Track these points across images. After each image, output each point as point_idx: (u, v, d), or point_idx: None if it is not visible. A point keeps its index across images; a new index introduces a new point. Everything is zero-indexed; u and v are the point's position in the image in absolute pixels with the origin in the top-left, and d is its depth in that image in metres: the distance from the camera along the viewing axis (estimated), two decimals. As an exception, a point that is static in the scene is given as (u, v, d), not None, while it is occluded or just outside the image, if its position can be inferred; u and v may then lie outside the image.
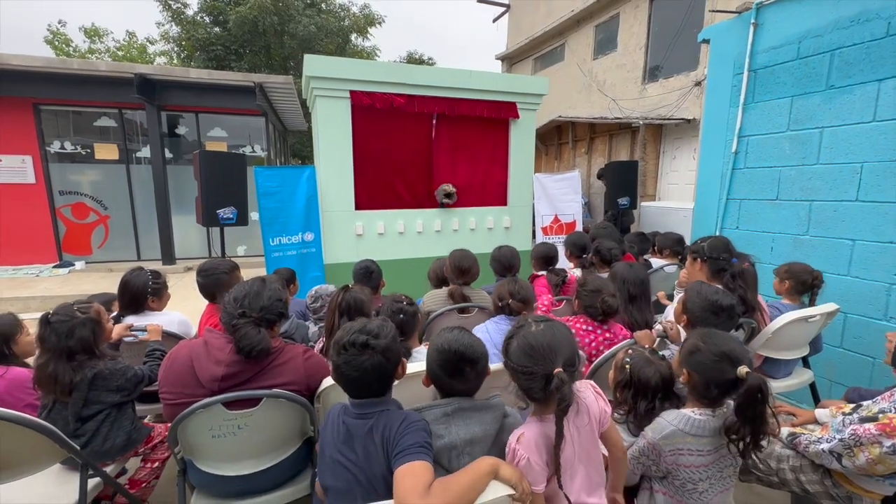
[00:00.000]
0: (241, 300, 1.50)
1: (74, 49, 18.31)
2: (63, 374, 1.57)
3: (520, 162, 5.10)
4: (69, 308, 1.67)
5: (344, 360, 1.18)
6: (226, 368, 1.43)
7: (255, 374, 1.48)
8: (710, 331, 1.40)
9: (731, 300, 1.77)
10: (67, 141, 7.09)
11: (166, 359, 1.52)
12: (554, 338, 1.17)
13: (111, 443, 1.67)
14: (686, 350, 1.39)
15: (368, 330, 1.21)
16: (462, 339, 1.28)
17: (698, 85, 6.94)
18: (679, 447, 1.32)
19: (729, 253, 2.26)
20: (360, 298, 1.85)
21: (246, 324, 1.44)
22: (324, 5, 15.68)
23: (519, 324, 1.26)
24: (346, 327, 1.24)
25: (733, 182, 3.32)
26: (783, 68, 2.94)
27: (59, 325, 1.60)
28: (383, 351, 1.19)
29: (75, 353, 1.61)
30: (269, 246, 4.14)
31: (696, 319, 1.75)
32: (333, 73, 4.15)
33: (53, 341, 1.58)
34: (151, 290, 2.34)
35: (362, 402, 1.21)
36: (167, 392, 1.45)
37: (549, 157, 11.18)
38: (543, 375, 1.13)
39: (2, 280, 6.34)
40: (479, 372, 1.27)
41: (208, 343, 1.48)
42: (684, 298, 1.83)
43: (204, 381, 1.43)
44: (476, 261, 2.66)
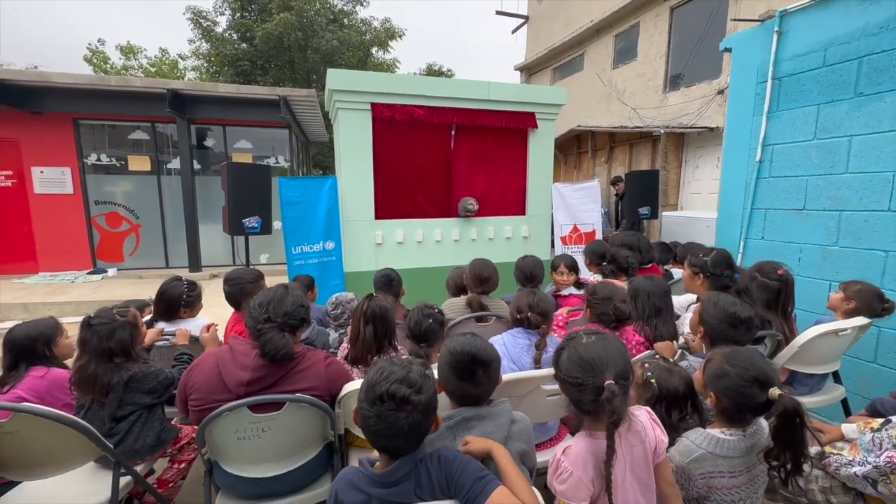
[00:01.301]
0: (266, 306, 1.54)
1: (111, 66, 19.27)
2: (103, 375, 1.66)
3: (538, 171, 5.11)
4: (109, 312, 1.76)
5: (377, 412, 1.01)
6: (251, 373, 1.48)
7: (279, 379, 1.53)
8: (735, 350, 1.36)
9: (750, 312, 1.73)
10: (103, 153, 7.44)
11: (192, 366, 1.58)
12: (605, 350, 1.15)
13: (142, 442, 1.74)
14: (712, 373, 1.35)
15: (411, 381, 1.04)
16: (474, 342, 1.29)
17: (721, 93, 6.83)
18: (710, 470, 1.28)
19: (731, 269, 2.20)
20: (385, 307, 1.89)
21: (270, 328, 1.49)
22: (346, 20, 16.11)
23: (570, 336, 1.25)
24: (382, 370, 1.07)
25: (758, 191, 3.25)
26: (809, 76, 2.89)
27: (100, 327, 1.69)
28: (424, 409, 1.03)
29: (114, 355, 1.69)
30: (291, 254, 4.23)
31: (714, 331, 1.71)
32: (355, 86, 4.26)
33: (95, 343, 1.67)
34: (185, 301, 2.47)
35: (394, 468, 1.05)
36: (195, 398, 1.50)
37: (569, 166, 11.13)
38: (594, 387, 1.11)
39: (40, 285, 6.65)
40: (491, 375, 1.27)
41: (234, 349, 1.54)
42: (700, 310, 1.80)
43: (231, 385, 1.48)
44: (496, 271, 2.68)
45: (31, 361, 1.98)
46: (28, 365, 1.96)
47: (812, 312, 2.91)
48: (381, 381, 1.04)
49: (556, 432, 1.97)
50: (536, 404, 1.73)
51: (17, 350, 1.95)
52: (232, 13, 14.94)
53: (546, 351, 1.84)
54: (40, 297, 5.99)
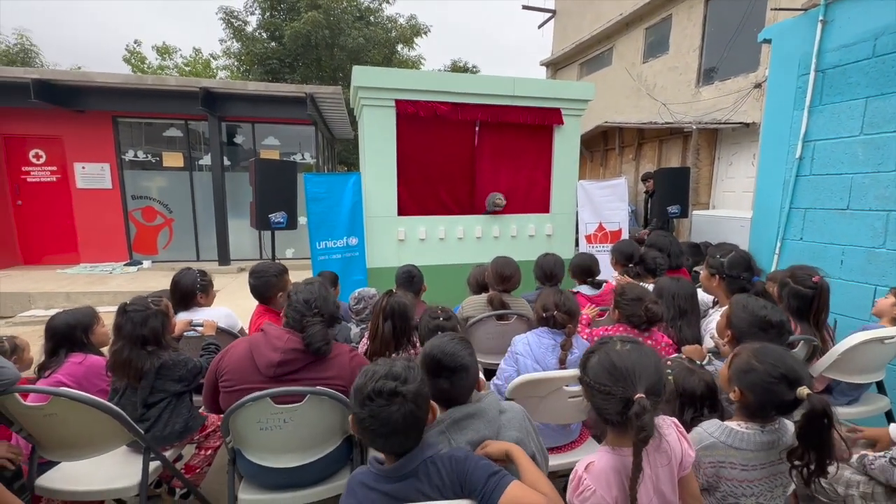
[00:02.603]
0: (313, 302, 1.63)
1: (148, 66, 20.04)
2: (136, 360, 1.74)
3: (563, 168, 5.01)
4: (144, 300, 1.83)
5: (370, 412, 1.02)
6: (282, 355, 1.54)
7: (307, 364, 1.59)
8: (764, 346, 1.30)
9: (781, 316, 1.64)
10: (140, 150, 7.74)
11: (224, 351, 1.64)
12: (639, 361, 1.09)
13: (170, 429, 1.81)
14: (738, 368, 1.30)
15: (395, 374, 1.06)
16: (445, 347, 1.27)
17: (758, 87, 6.54)
18: (720, 460, 1.25)
19: (750, 271, 2.09)
20: (404, 303, 1.90)
21: (317, 322, 1.58)
22: (372, 18, 16.22)
23: (603, 340, 1.19)
24: (366, 372, 1.08)
25: (797, 190, 3.09)
26: (856, 68, 2.72)
27: (134, 314, 1.76)
28: (414, 397, 1.04)
29: (147, 342, 1.76)
30: (315, 249, 4.30)
31: (743, 336, 1.63)
32: (380, 83, 4.28)
33: (129, 329, 1.75)
34: (200, 286, 2.53)
35: (401, 463, 1.06)
36: (227, 379, 1.57)
37: (595, 163, 10.90)
38: (622, 399, 1.05)
39: (81, 276, 6.99)
40: (454, 382, 1.25)
41: (267, 332, 1.61)
42: (728, 313, 1.72)
43: (261, 366, 1.54)
44: (518, 269, 2.64)
45: (71, 348, 2.07)
46: (67, 351, 2.05)
47: (855, 318, 2.76)
48: (366, 382, 1.05)
49: (578, 435, 1.94)
50: (558, 405, 1.70)
51: (57, 337, 2.05)
52: (262, 13, 15.26)
53: (572, 352, 1.80)
54: (81, 287, 6.29)
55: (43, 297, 6.03)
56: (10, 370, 1.54)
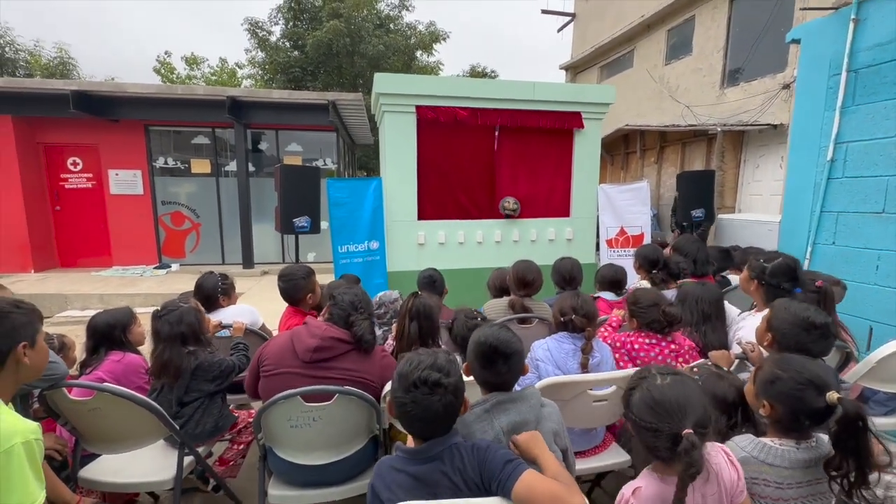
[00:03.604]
0: (358, 303, 1.77)
1: (177, 76, 20.75)
2: (177, 358, 1.83)
3: (584, 172, 4.98)
4: (174, 302, 1.91)
5: (412, 398, 1.09)
6: (319, 341, 1.65)
7: (341, 354, 1.68)
8: (786, 356, 1.29)
9: (826, 318, 1.58)
10: (170, 157, 8.03)
11: (268, 341, 1.79)
12: (683, 394, 1.07)
13: (201, 428, 1.87)
14: (763, 380, 1.27)
15: (439, 366, 1.13)
16: (498, 335, 1.34)
17: (787, 88, 6.37)
18: (753, 476, 1.21)
19: (793, 281, 2.00)
20: (429, 305, 1.94)
21: (364, 320, 1.71)
22: (392, 25, 16.45)
23: (641, 374, 1.17)
24: (411, 360, 1.16)
25: (829, 193, 3.01)
26: (891, 66, 2.64)
27: (168, 314, 1.84)
28: (454, 390, 1.12)
29: (186, 339, 1.85)
30: (337, 253, 4.38)
31: (785, 338, 1.58)
32: (400, 89, 4.35)
33: (167, 330, 1.83)
34: (221, 289, 2.64)
35: (428, 445, 1.13)
36: (267, 364, 1.69)
37: (616, 167, 10.77)
38: (670, 435, 1.03)
39: (114, 278, 7.28)
40: (511, 366, 1.32)
41: (309, 324, 1.73)
42: (769, 316, 1.68)
43: (299, 351, 1.64)
44: (540, 273, 2.64)
45: (110, 346, 2.16)
46: (107, 349, 2.15)
47: (892, 326, 2.66)
48: (412, 369, 1.12)
49: (601, 440, 1.92)
50: (582, 410, 1.70)
51: (98, 335, 2.15)
52: (285, 23, 15.67)
53: (593, 356, 1.80)
54: (114, 289, 6.55)
55: (79, 299, 6.30)
56: (61, 366, 1.63)
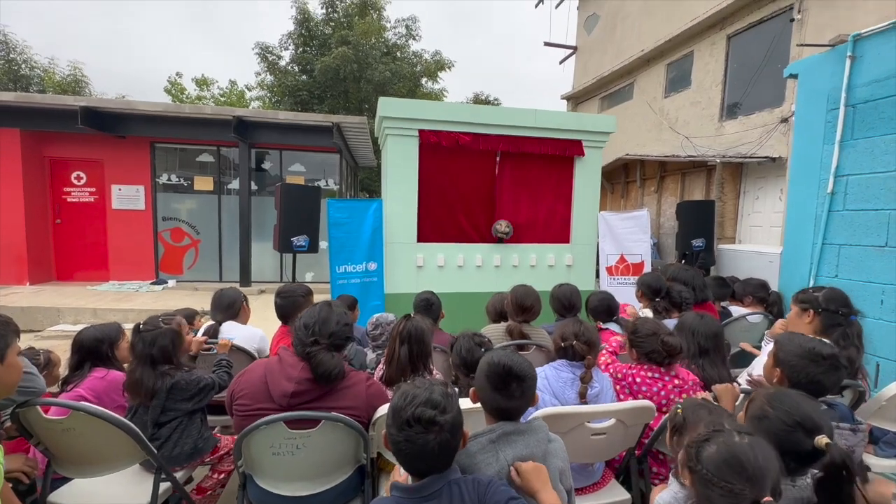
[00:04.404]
0: (312, 327, 1.56)
1: (187, 96, 21.22)
2: (147, 380, 1.74)
3: (584, 199, 5.00)
4: (156, 320, 1.87)
5: (406, 437, 1.04)
6: (296, 385, 1.50)
7: (321, 395, 1.54)
8: (780, 391, 1.23)
9: (832, 349, 1.52)
10: (173, 174, 8.09)
11: (242, 373, 1.62)
12: (766, 457, 0.99)
13: (179, 450, 1.79)
14: (753, 415, 1.22)
15: (434, 402, 1.06)
16: (512, 356, 1.30)
17: (785, 122, 6.46)
18: None
19: (849, 308, 1.98)
20: (422, 328, 1.88)
21: (319, 350, 1.51)
22: (399, 53, 16.92)
23: (715, 426, 1.10)
24: (405, 395, 1.10)
25: (830, 225, 2.99)
26: (889, 102, 2.66)
27: (146, 334, 1.79)
28: (451, 427, 1.06)
29: (157, 361, 1.77)
30: (335, 273, 4.34)
31: (793, 371, 1.51)
32: (404, 113, 4.41)
33: (140, 348, 1.77)
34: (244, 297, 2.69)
35: (425, 482, 1.07)
36: (240, 403, 1.54)
37: (615, 195, 10.84)
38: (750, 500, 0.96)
39: (110, 293, 7.20)
40: (525, 391, 1.26)
41: (282, 359, 1.57)
42: (774, 350, 1.62)
43: (275, 395, 1.50)
44: (539, 299, 2.59)
45: (95, 362, 2.10)
46: (92, 365, 2.09)
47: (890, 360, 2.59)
48: (405, 405, 1.07)
49: (600, 476, 1.83)
50: (580, 443, 1.62)
51: (83, 350, 2.09)
52: (295, 48, 16.13)
53: (592, 387, 1.73)
54: (108, 304, 6.47)
55: (71, 313, 6.21)
56: (39, 381, 1.57)
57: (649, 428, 1.77)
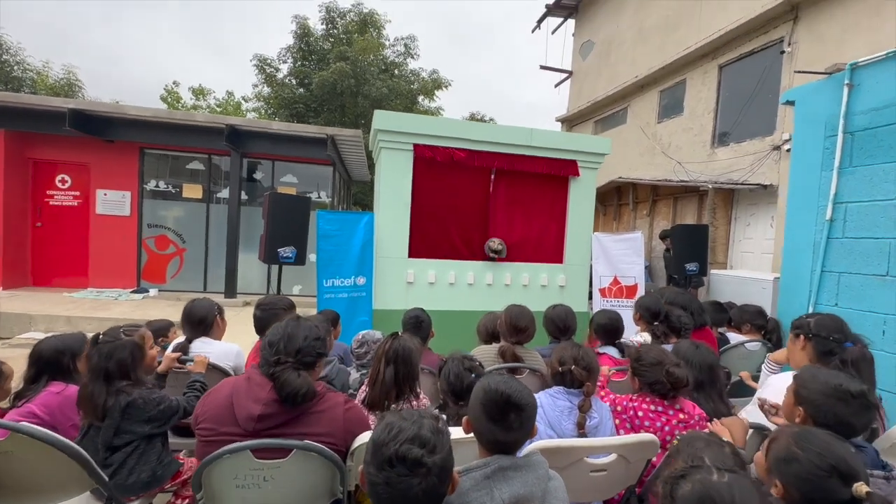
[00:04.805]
0: (276, 344, 1.42)
1: (182, 105, 21.15)
2: (98, 396, 1.57)
3: (578, 220, 4.95)
4: (116, 331, 1.71)
5: (386, 478, 0.90)
6: (263, 408, 1.35)
7: (292, 419, 1.39)
8: (807, 431, 1.12)
9: (861, 385, 1.39)
10: (162, 180, 7.93)
11: (208, 393, 1.47)
12: (743, 498, 0.91)
13: (135, 477, 1.61)
14: (778, 457, 1.10)
15: (423, 440, 0.93)
16: (510, 383, 1.18)
17: (777, 149, 6.54)
18: None
19: (842, 334, 1.89)
20: (409, 348, 1.75)
21: (284, 370, 1.36)
22: (396, 71, 17.10)
23: (693, 461, 1.03)
24: (390, 427, 0.96)
25: (829, 252, 2.94)
26: (888, 131, 2.65)
27: (102, 345, 1.63)
28: (440, 471, 0.92)
29: (112, 376, 1.61)
30: (322, 287, 4.20)
31: (820, 412, 1.37)
32: (399, 127, 4.35)
33: (94, 361, 1.61)
34: (218, 310, 2.43)
35: None
36: (203, 427, 1.39)
37: (608, 217, 10.87)
38: None
39: (87, 300, 6.93)
40: (524, 422, 1.14)
41: (251, 379, 1.43)
42: (794, 387, 1.49)
43: (241, 419, 1.35)
44: (533, 320, 2.48)
45: (54, 375, 1.94)
46: (50, 379, 1.92)
47: None
48: (389, 440, 0.93)
49: (598, 516, 1.69)
50: (577, 481, 1.49)
51: (42, 362, 1.93)
52: (293, 62, 16.22)
53: (591, 416, 1.61)
54: (83, 312, 6.21)
55: (44, 320, 5.94)
56: None
57: (651, 464, 1.64)
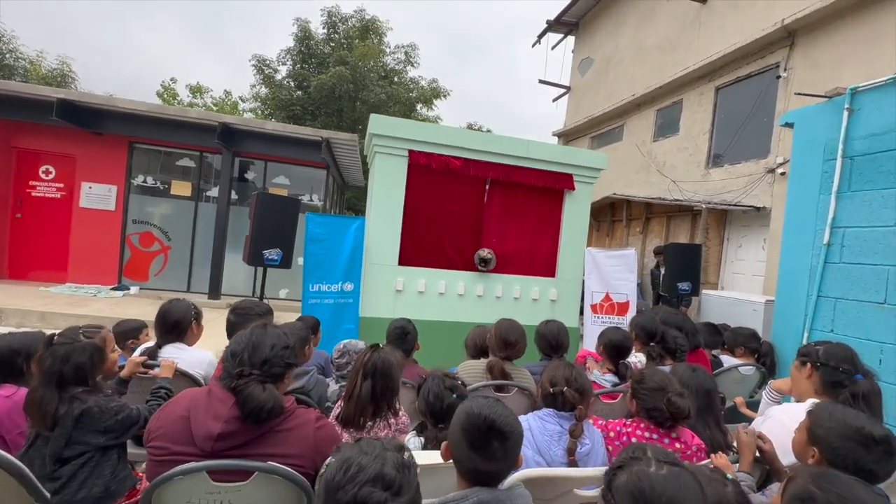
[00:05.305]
0: (240, 354, 1.29)
1: (178, 102, 20.94)
2: (49, 402, 1.43)
3: (572, 234, 4.89)
4: (75, 331, 1.57)
5: None
6: (223, 425, 1.21)
7: (256, 437, 1.26)
8: (828, 472, 1.04)
9: (885, 430, 1.30)
10: (150, 176, 7.76)
11: (164, 406, 1.33)
12: (678, 493, 0.86)
13: (85, 493, 1.46)
14: (794, 496, 1.02)
15: (387, 480, 0.81)
16: (495, 408, 1.09)
17: (771, 172, 6.57)
18: None
19: (852, 365, 1.80)
20: (390, 361, 1.63)
21: (248, 383, 1.23)
22: (396, 78, 17.13)
23: (635, 453, 0.97)
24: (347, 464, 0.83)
25: (826, 277, 2.89)
26: (888, 156, 2.62)
27: (58, 347, 1.49)
28: None
29: (67, 381, 1.47)
30: (308, 292, 4.07)
31: (836, 455, 1.27)
32: (395, 132, 4.28)
33: (48, 364, 1.47)
34: (194, 315, 2.28)
35: None
36: (155, 446, 1.24)
37: (601, 233, 10.87)
38: None
39: (63, 296, 6.70)
40: (508, 451, 1.05)
41: (212, 392, 1.29)
42: (808, 425, 1.39)
43: (197, 437, 1.22)
44: (524, 335, 2.38)
45: (5, 377, 1.80)
46: (1, 381, 1.78)
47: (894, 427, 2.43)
48: (345, 482, 0.80)
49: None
50: (565, 513, 1.38)
51: (-6, 362, 1.78)
52: (293, 64, 16.18)
53: (582, 443, 1.50)
54: (59, 308, 5.98)
55: (16, 314, 5.71)
56: None
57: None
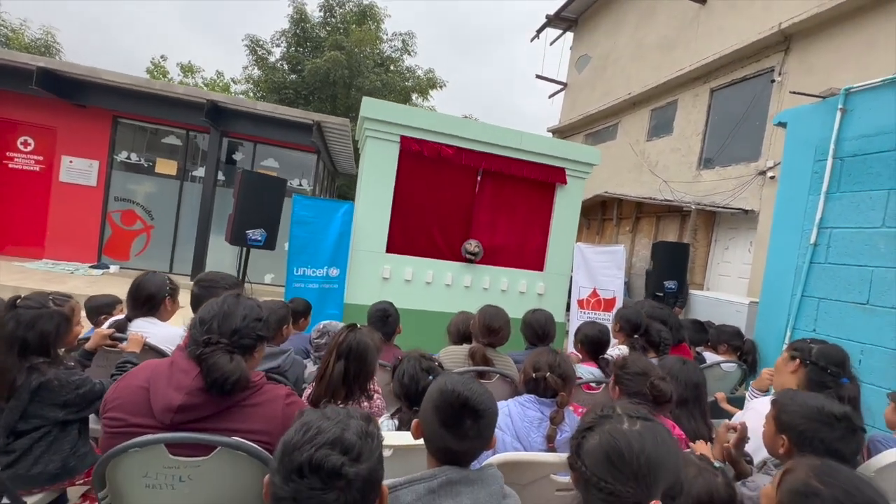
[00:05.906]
0: (209, 323, 1.22)
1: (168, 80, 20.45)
2: (8, 371, 1.35)
3: (562, 228, 4.86)
4: (43, 297, 1.49)
5: (294, 491, 0.72)
6: (185, 397, 1.14)
7: (221, 411, 1.19)
8: (828, 465, 0.99)
9: (843, 407, 1.30)
10: (134, 153, 7.55)
11: (123, 376, 1.25)
12: (657, 450, 0.81)
13: (41, 468, 1.39)
14: (794, 490, 0.97)
15: (346, 445, 0.76)
16: (470, 385, 1.04)
17: (762, 174, 6.62)
18: None
19: (842, 368, 1.79)
20: (366, 342, 1.56)
21: (214, 352, 1.16)
22: (392, 66, 16.92)
23: (604, 412, 0.91)
24: (307, 426, 0.78)
25: (810, 277, 2.90)
26: (878, 158, 2.63)
27: (24, 311, 1.41)
28: (363, 485, 0.75)
29: (29, 349, 1.39)
30: (292, 275, 4.00)
31: (803, 438, 1.26)
32: (388, 116, 4.20)
33: (10, 328, 1.39)
34: (169, 290, 2.19)
35: None
36: (110, 417, 1.17)
37: (591, 231, 10.90)
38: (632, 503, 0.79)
39: (39, 272, 6.50)
40: (481, 430, 1.01)
41: (175, 363, 1.22)
42: (774, 413, 1.37)
43: (156, 409, 1.15)
44: (508, 323, 2.34)
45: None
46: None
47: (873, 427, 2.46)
48: (302, 443, 0.75)
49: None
50: (540, 500, 1.34)
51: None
52: (287, 46, 15.86)
53: (562, 430, 1.47)
54: (34, 283, 5.80)
55: (-12, 289, 5.52)
56: None
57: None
